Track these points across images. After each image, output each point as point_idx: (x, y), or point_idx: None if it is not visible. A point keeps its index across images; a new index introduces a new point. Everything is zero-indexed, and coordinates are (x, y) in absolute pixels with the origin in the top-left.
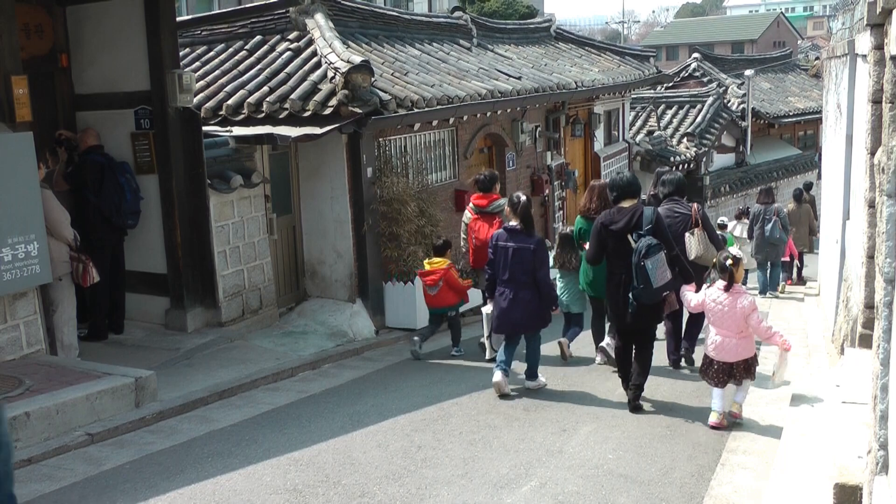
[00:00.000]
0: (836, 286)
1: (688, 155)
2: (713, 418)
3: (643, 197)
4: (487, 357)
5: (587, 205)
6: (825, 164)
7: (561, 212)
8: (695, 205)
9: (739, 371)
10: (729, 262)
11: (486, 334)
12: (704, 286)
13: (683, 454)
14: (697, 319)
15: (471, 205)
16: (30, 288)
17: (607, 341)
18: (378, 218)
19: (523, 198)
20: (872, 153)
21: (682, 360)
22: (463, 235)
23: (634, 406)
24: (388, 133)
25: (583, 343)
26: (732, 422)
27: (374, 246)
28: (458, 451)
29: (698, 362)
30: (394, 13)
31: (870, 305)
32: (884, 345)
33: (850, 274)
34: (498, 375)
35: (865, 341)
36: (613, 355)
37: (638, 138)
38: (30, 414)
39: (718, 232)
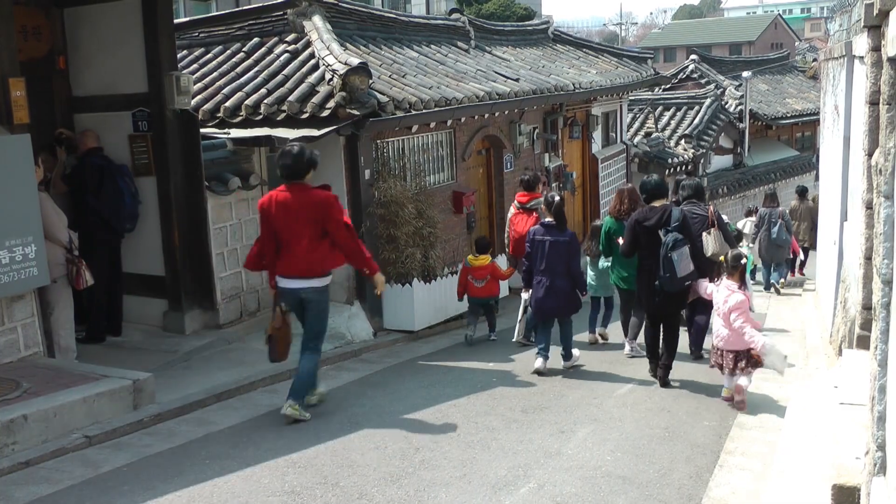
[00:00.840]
0: (833, 287)
1: (685, 156)
2: (724, 393)
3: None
4: (513, 340)
5: (617, 206)
6: (823, 166)
7: None
8: (711, 207)
9: (734, 361)
10: (742, 260)
11: (519, 317)
12: (717, 281)
13: (682, 455)
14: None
15: (515, 202)
16: (27, 290)
17: (640, 341)
18: (376, 220)
19: (557, 197)
20: (870, 155)
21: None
22: (506, 229)
23: (664, 383)
24: (385, 135)
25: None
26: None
27: (371, 248)
28: (457, 453)
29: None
30: (391, 15)
31: (867, 307)
32: (881, 346)
33: (847, 275)
34: (539, 362)
35: (863, 342)
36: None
37: (636, 140)
38: (27, 417)
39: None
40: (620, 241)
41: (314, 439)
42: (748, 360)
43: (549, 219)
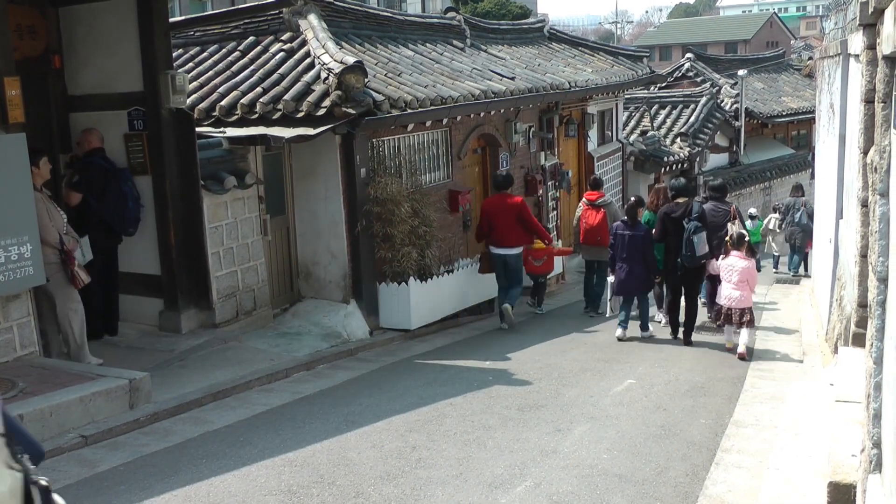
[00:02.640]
0: (829, 285)
1: (681, 155)
2: (728, 344)
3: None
4: (607, 315)
5: (655, 201)
6: (818, 164)
7: (555, 212)
8: (733, 204)
9: (740, 316)
10: (746, 238)
11: (609, 297)
12: (722, 256)
13: (678, 453)
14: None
15: (584, 199)
16: (23, 290)
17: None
18: (372, 219)
19: (632, 199)
20: (865, 153)
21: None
22: (574, 221)
23: (687, 342)
24: (381, 134)
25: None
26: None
27: (367, 247)
28: (453, 452)
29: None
30: (387, 14)
31: (863, 304)
32: (877, 343)
33: (843, 273)
34: (619, 332)
35: (859, 340)
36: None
37: (632, 138)
38: (23, 416)
39: (748, 221)
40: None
41: (311, 438)
42: (750, 316)
43: (625, 217)
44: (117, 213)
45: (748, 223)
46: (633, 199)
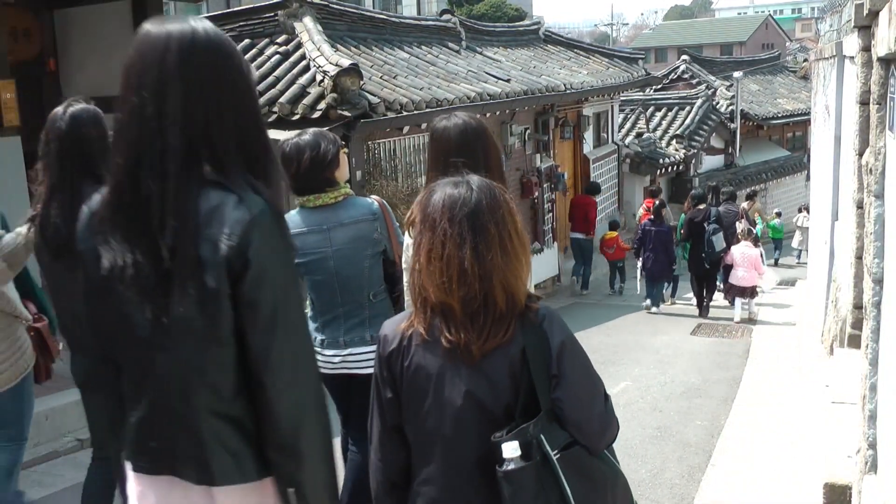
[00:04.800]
0: (825, 287)
1: (677, 157)
2: (735, 318)
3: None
4: (638, 292)
5: (688, 206)
6: (814, 166)
7: (550, 214)
8: (742, 205)
9: (748, 292)
10: (752, 235)
11: (639, 277)
12: (735, 247)
13: (674, 455)
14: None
15: (643, 205)
16: None
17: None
18: None
19: (657, 202)
20: (860, 154)
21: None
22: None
23: (706, 314)
24: (377, 136)
25: None
26: (752, 320)
27: None
28: None
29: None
30: (382, 16)
31: (858, 306)
32: (872, 345)
33: (838, 274)
34: (647, 301)
35: (854, 341)
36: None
37: (627, 140)
38: None
39: (776, 219)
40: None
41: None
42: (752, 292)
43: (652, 216)
44: None
45: (775, 220)
46: (658, 201)
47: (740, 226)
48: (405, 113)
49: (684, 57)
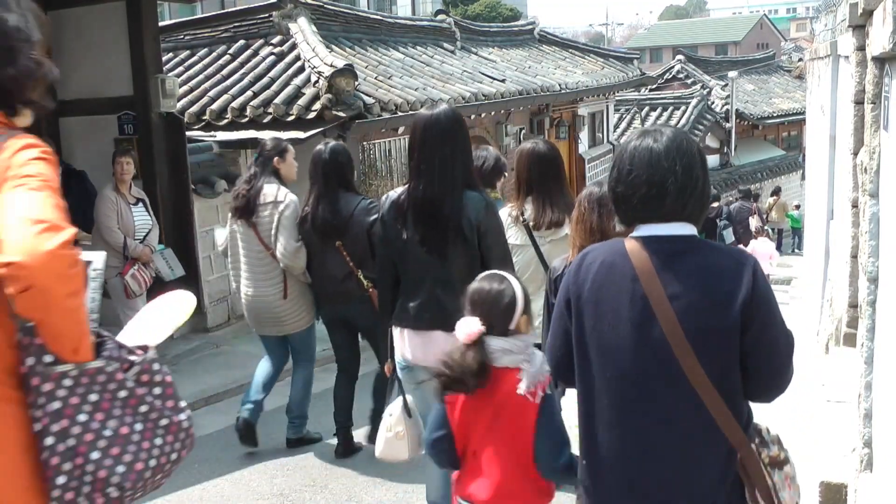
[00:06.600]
0: (820, 286)
1: None
2: None
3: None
4: None
5: None
6: (809, 165)
7: None
8: (754, 204)
9: None
10: (765, 231)
11: None
12: (753, 241)
13: None
14: None
15: None
16: None
17: None
18: None
19: None
20: (855, 153)
21: None
22: None
23: None
24: (372, 137)
25: None
26: None
27: None
28: None
29: None
30: (377, 17)
31: (854, 304)
32: (868, 343)
33: (834, 273)
34: None
35: (850, 340)
36: None
37: (622, 140)
38: None
39: (794, 211)
40: None
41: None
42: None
43: None
44: (80, 212)
45: (794, 212)
46: None
47: (753, 222)
48: (400, 113)
49: (679, 57)
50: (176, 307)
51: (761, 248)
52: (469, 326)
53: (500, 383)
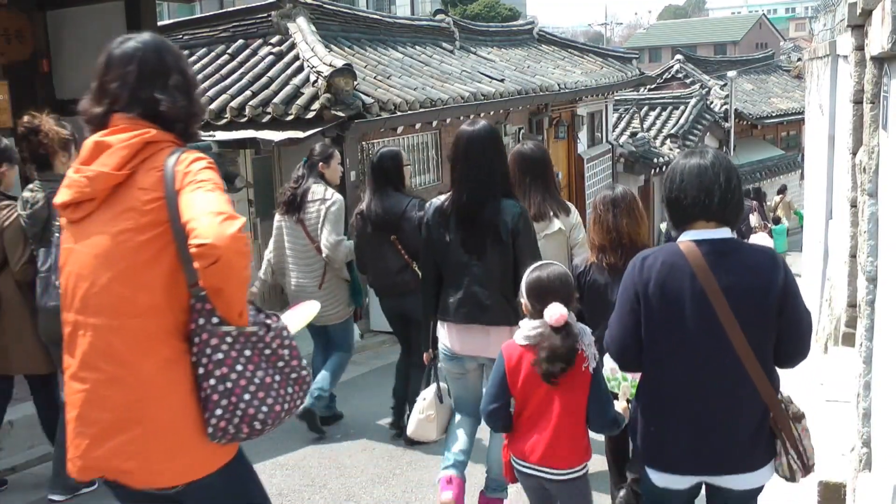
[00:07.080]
0: (819, 285)
1: (671, 156)
2: None
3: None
4: None
5: None
6: (808, 165)
7: None
8: (754, 202)
9: None
10: (767, 228)
11: None
12: (753, 236)
13: None
14: None
15: None
16: None
17: None
18: None
19: None
20: (854, 153)
21: None
22: None
23: None
24: (371, 136)
25: None
26: None
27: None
28: None
29: None
30: (376, 16)
31: (852, 304)
32: (866, 343)
33: (833, 273)
34: None
35: (848, 340)
36: None
37: (621, 140)
38: (13, 423)
39: (801, 209)
40: None
41: (302, 441)
42: None
43: None
44: None
45: (802, 210)
46: None
47: (753, 219)
48: (399, 113)
49: (678, 56)
50: (304, 312)
51: (759, 243)
52: (559, 310)
53: None
